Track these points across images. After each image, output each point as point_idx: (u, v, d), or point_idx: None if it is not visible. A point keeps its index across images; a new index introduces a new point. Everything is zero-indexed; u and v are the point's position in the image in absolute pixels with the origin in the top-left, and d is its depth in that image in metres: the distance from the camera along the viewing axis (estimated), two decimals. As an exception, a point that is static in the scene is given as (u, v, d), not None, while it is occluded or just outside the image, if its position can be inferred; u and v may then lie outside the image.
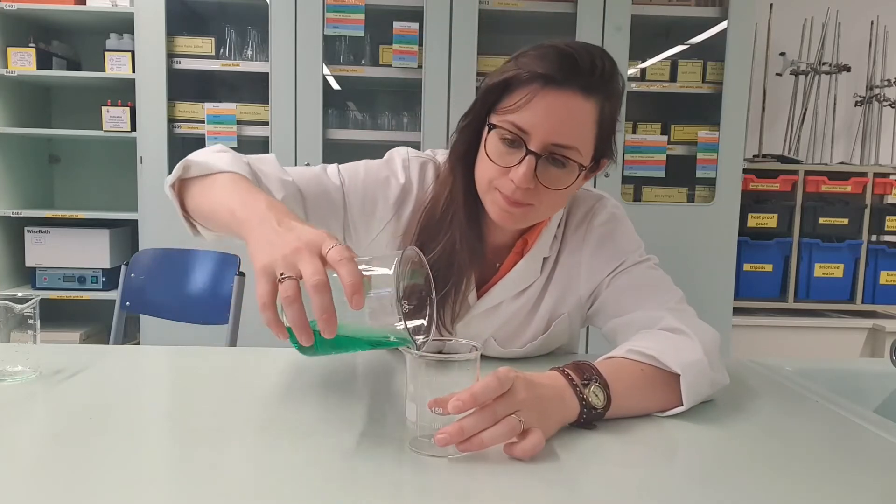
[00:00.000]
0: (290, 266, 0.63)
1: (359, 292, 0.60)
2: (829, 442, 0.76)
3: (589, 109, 0.84)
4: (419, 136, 2.52)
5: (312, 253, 0.64)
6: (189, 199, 0.87)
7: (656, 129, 2.67)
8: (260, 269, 0.65)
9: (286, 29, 2.46)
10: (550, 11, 2.56)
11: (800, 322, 2.83)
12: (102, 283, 2.71)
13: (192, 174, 0.87)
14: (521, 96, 0.83)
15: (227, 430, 0.72)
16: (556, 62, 0.82)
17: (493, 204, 0.89)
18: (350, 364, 1.02)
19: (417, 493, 0.58)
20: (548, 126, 0.83)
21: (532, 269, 0.98)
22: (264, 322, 0.63)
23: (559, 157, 0.84)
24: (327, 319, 0.60)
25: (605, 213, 1.00)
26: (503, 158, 0.85)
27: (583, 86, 0.83)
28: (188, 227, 0.91)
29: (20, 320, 0.85)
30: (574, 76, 0.82)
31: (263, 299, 0.63)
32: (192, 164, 0.87)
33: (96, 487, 0.57)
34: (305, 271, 0.62)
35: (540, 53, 0.84)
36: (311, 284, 0.61)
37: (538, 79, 0.82)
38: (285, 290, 0.62)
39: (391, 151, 1.02)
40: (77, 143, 2.98)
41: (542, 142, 0.83)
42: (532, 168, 0.83)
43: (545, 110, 0.82)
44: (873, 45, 3.12)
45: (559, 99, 0.82)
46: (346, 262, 0.62)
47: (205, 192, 0.85)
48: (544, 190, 0.85)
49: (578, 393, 0.73)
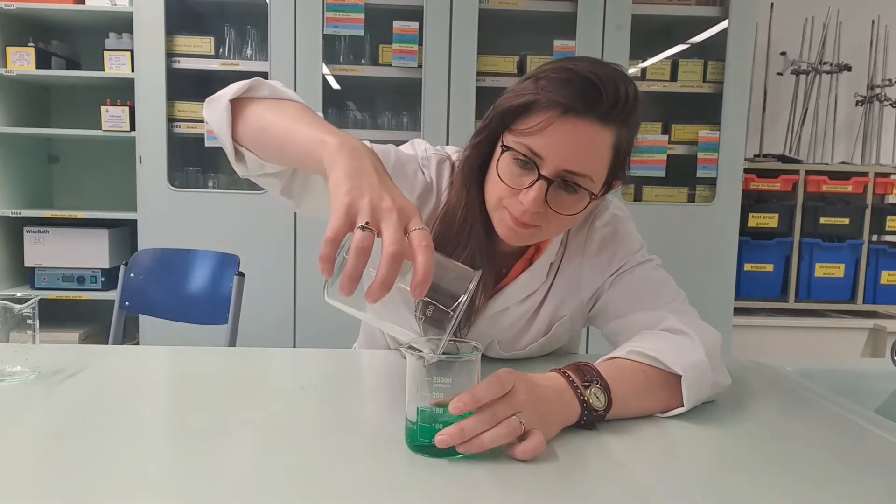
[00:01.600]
0: (375, 219, 0.61)
1: (426, 284, 0.59)
2: (830, 442, 0.75)
3: (605, 138, 0.82)
4: (419, 136, 2.51)
5: (401, 220, 0.61)
6: (248, 118, 0.82)
7: (657, 128, 2.67)
8: (343, 204, 0.61)
9: (286, 28, 2.46)
10: (550, 11, 2.56)
11: (800, 322, 2.82)
12: (101, 283, 2.70)
13: (262, 94, 0.83)
14: (539, 121, 0.81)
15: (226, 430, 0.72)
16: (579, 91, 0.80)
17: (501, 222, 0.88)
18: (350, 364, 1.02)
19: (417, 494, 0.58)
20: (563, 154, 0.81)
21: (540, 274, 0.98)
22: (321, 253, 0.60)
23: (571, 183, 0.83)
24: (382, 290, 0.59)
25: (606, 215, 0.99)
26: (515, 180, 0.84)
27: (602, 115, 0.80)
28: (231, 152, 0.85)
29: (19, 320, 0.84)
30: (594, 105, 0.80)
31: (334, 233, 0.60)
32: (261, 83, 0.83)
33: (96, 487, 0.57)
34: (388, 234, 0.60)
35: (563, 79, 0.81)
36: (389, 252, 0.59)
37: (558, 106, 0.80)
38: (364, 239, 0.59)
39: (414, 143, 1.01)
40: (76, 142, 2.98)
41: (555, 168, 0.82)
42: (542, 193, 0.82)
43: (562, 138, 0.80)
44: (874, 44, 3.12)
45: (577, 128, 0.80)
46: (428, 250, 0.60)
47: (275, 114, 0.80)
48: (553, 214, 0.84)
49: (579, 394, 0.72)
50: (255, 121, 0.81)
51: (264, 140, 0.81)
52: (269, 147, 0.81)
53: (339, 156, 0.67)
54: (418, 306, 0.62)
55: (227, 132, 0.83)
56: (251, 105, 0.82)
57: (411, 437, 0.66)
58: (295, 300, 2.54)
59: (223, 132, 0.83)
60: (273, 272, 2.50)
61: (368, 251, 0.59)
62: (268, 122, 0.80)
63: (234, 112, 0.83)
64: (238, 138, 0.83)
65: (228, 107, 0.82)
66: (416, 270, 0.59)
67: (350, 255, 0.59)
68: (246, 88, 0.83)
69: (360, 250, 0.59)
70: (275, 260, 2.50)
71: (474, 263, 0.90)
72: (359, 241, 0.59)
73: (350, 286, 0.59)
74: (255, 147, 0.82)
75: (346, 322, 0.83)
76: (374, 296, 0.59)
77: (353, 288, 0.59)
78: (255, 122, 0.81)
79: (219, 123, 0.83)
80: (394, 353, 1.05)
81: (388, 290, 0.59)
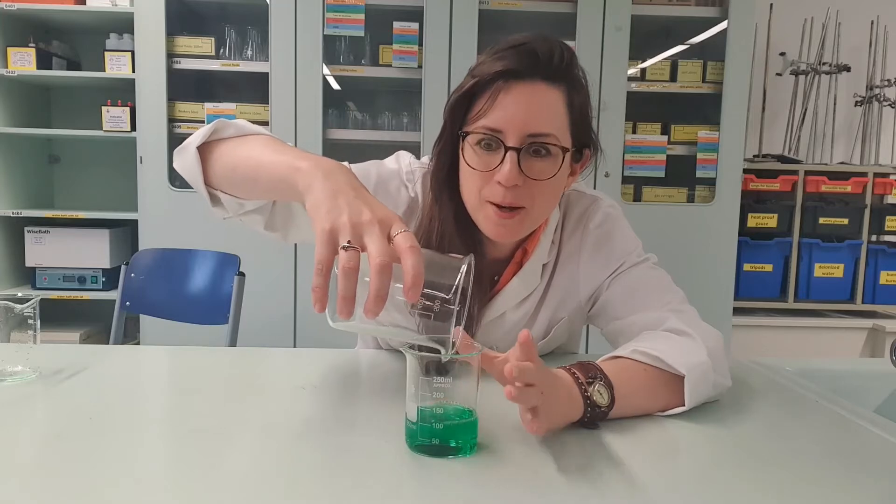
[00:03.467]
0: (357, 235, 0.61)
1: (419, 286, 0.59)
2: (829, 442, 0.76)
3: (556, 96, 0.84)
4: (419, 136, 2.52)
5: (383, 230, 0.62)
6: (218, 160, 0.82)
7: (656, 129, 2.67)
8: (324, 231, 0.62)
9: (286, 29, 2.46)
10: (550, 11, 2.56)
11: (800, 322, 2.83)
12: (102, 283, 2.71)
13: (227, 134, 0.83)
14: (486, 98, 0.83)
15: (227, 430, 0.72)
16: (514, 57, 0.82)
17: (486, 219, 0.87)
18: (350, 364, 1.02)
19: (417, 494, 0.58)
20: (519, 119, 0.82)
21: (533, 276, 0.98)
22: (313, 285, 0.60)
23: (539, 145, 0.83)
24: (379, 303, 0.59)
25: (600, 215, 0.99)
26: (485, 163, 0.84)
27: (545, 75, 0.83)
28: (207, 198, 0.85)
29: (20, 320, 0.85)
30: (534, 66, 0.82)
31: (322, 264, 0.60)
32: (225, 124, 0.83)
33: (96, 487, 0.57)
34: (372, 248, 0.60)
35: (496, 54, 0.84)
36: (376, 264, 0.59)
37: (499, 77, 0.82)
38: (349, 259, 0.60)
39: (398, 156, 1.00)
40: (77, 143, 2.98)
41: (518, 135, 0.82)
42: (515, 163, 0.82)
43: (513, 104, 0.82)
44: (873, 45, 3.12)
45: (524, 90, 0.82)
46: (414, 252, 0.60)
47: (244, 149, 0.80)
48: (534, 185, 0.84)
49: (583, 391, 0.73)
50: (226, 161, 0.81)
51: (238, 178, 0.81)
52: (243, 184, 0.81)
53: (314, 179, 0.68)
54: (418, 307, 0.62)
55: (200, 178, 0.83)
56: (219, 147, 0.82)
57: (411, 437, 0.66)
58: (295, 300, 2.54)
59: (195, 179, 0.83)
60: (273, 272, 2.50)
61: (356, 271, 0.60)
62: (238, 160, 0.80)
63: (203, 157, 0.83)
64: (211, 183, 0.83)
65: (196, 154, 0.82)
66: (405, 274, 0.59)
67: (339, 277, 0.60)
68: (211, 132, 0.83)
69: (348, 271, 0.59)
70: (275, 260, 2.50)
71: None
72: (345, 263, 0.60)
73: (347, 308, 0.60)
74: (230, 187, 0.82)
75: (346, 322, 0.83)
76: (372, 310, 0.59)
77: (351, 309, 0.60)
78: (226, 163, 0.81)
79: (190, 171, 0.83)
80: (394, 353, 1.05)
81: (384, 302, 0.59)
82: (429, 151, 1.00)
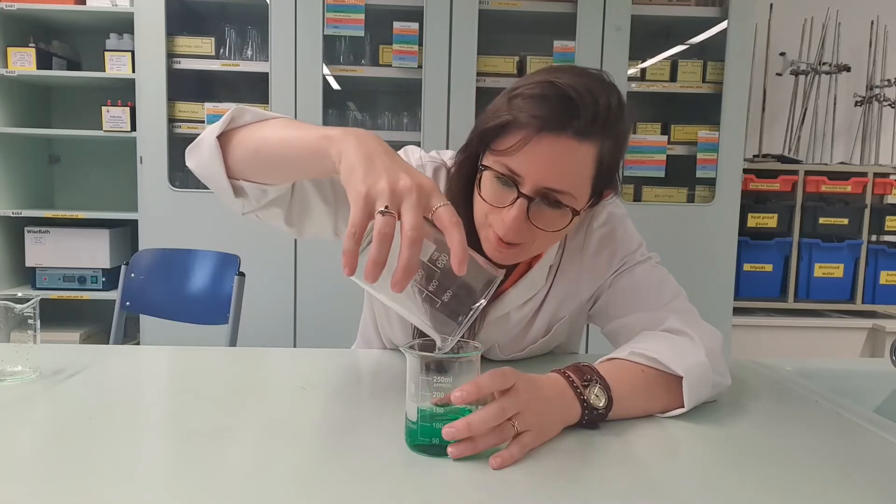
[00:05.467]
0: (395, 201, 0.60)
1: (465, 261, 0.58)
2: (829, 442, 0.76)
3: (585, 153, 0.79)
4: (419, 136, 2.52)
5: (420, 200, 0.60)
6: (238, 147, 0.79)
7: (656, 129, 2.67)
8: (360, 194, 0.60)
9: (286, 29, 2.46)
10: (550, 11, 2.56)
11: (800, 322, 2.83)
12: (102, 283, 2.71)
13: (244, 121, 0.80)
14: (515, 140, 0.78)
15: (227, 430, 0.72)
16: (554, 107, 0.77)
17: (487, 241, 0.86)
18: (350, 364, 1.02)
19: (417, 494, 0.58)
20: (541, 172, 0.79)
21: (539, 278, 0.97)
22: (344, 248, 0.59)
23: (553, 199, 0.81)
24: (408, 273, 0.58)
25: (603, 215, 0.99)
26: (496, 198, 0.82)
27: (580, 131, 0.77)
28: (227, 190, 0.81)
29: (20, 320, 0.85)
30: (571, 121, 0.77)
31: (356, 226, 0.59)
32: (242, 111, 0.80)
33: (96, 487, 0.57)
34: (407, 217, 0.59)
35: (538, 95, 0.78)
36: (409, 236, 0.58)
37: (533, 124, 0.77)
38: (385, 225, 0.58)
39: (407, 150, 0.99)
40: (77, 143, 2.98)
41: (534, 186, 0.79)
42: (523, 211, 0.80)
43: (539, 156, 0.78)
44: (873, 45, 3.12)
45: (554, 145, 0.77)
46: (459, 227, 0.59)
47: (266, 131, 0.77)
48: (537, 230, 0.83)
49: (579, 394, 0.73)
50: (248, 145, 0.79)
51: (263, 159, 0.78)
52: (269, 166, 0.79)
53: (346, 144, 0.66)
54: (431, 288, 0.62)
55: (221, 169, 0.80)
56: (237, 134, 0.80)
57: (411, 436, 0.66)
58: (295, 300, 2.54)
59: (216, 170, 0.80)
60: (273, 272, 2.50)
61: (391, 237, 0.58)
62: (262, 142, 0.78)
63: (222, 148, 0.80)
64: (232, 173, 0.81)
65: (216, 144, 0.79)
66: (452, 249, 0.59)
67: (374, 241, 0.58)
68: (229, 120, 0.80)
69: (383, 237, 0.58)
70: (275, 260, 2.50)
71: None
72: (381, 227, 0.58)
73: (375, 272, 0.58)
74: (254, 171, 0.80)
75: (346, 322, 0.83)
76: (399, 282, 0.58)
77: (379, 274, 0.58)
78: (249, 146, 0.79)
79: (209, 164, 0.81)
80: (394, 353, 1.05)
81: (413, 275, 0.58)
82: (429, 151, 1.00)
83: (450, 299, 0.62)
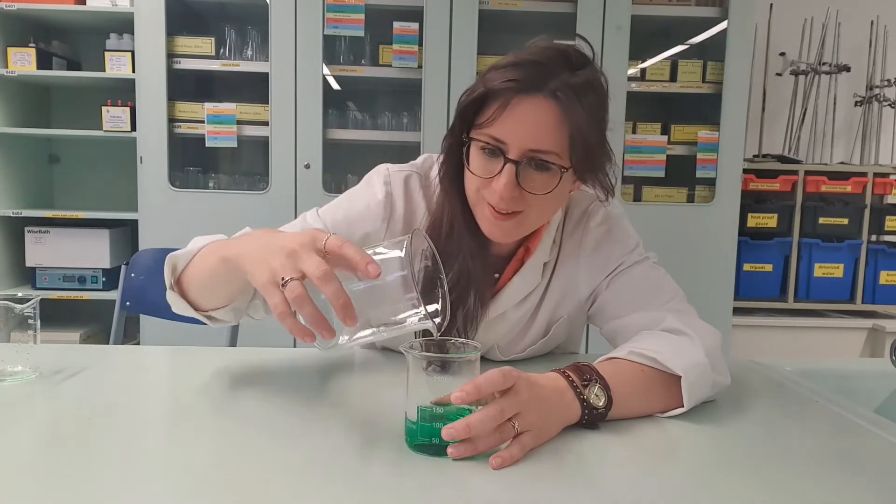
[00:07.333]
0: (289, 269, 0.64)
1: (371, 262, 0.62)
2: (829, 442, 0.76)
3: (563, 113, 0.81)
4: (419, 136, 2.52)
5: (308, 250, 0.64)
6: (190, 289, 0.86)
7: (656, 129, 2.67)
8: (264, 285, 0.65)
9: (286, 29, 2.46)
10: (550, 11, 2.56)
11: (800, 322, 2.83)
12: (102, 283, 2.71)
13: (179, 267, 0.87)
14: (494, 109, 0.82)
15: (226, 430, 0.72)
16: (524, 69, 0.81)
17: (483, 218, 0.88)
18: (350, 364, 1.02)
19: (417, 494, 0.58)
20: (523, 134, 0.82)
21: (534, 275, 0.98)
22: (288, 331, 0.64)
23: (539, 161, 0.83)
24: (344, 305, 0.61)
25: (600, 214, 0.99)
26: (485, 170, 0.85)
27: (553, 89, 0.81)
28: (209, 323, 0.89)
29: (20, 320, 0.85)
30: (543, 80, 0.81)
31: (278, 309, 0.64)
32: (176, 257, 0.88)
33: (96, 487, 0.57)
34: (308, 268, 0.63)
35: (509, 63, 0.83)
36: (316, 277, 0.61)
37: (508, 90, 0.82)
38: (291, 291, 0.62)
39: (370, 173, 1.01)
40: (77, 143, 2.98)
41: (519, 149, 0.82)
42: (513, 176, 0.82)
43: (518, 119, 0.82)
44: (873, 45, 3.12)
45: (530, 105, 0.81)
46: (349, 245, 0.63)
47: (196, 271, 0.84)
48: (530, 196, 0.85)
49: (579, 394, 0.73)
50: (193, 285, 0.86)
51: (208, 292, 0.85)
52: (214, 293, 0.85)
53: (240, 260, 0.72)
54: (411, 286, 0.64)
55: (193, 312, 0.87)
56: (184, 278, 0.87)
57: (411, 436, 0.66)
58: (295, 300, 2.54)
59: (190, 314, 0.88)
60: (273, 272, 2.50)
61: (305, 296, 0.62)
62: (197, 279, 0.84)
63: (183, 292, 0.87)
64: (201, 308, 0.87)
65: (173, 293, 0.87)
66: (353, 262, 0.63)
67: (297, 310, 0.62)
68: (170, 271, 0.87)
69: (298, 300, 0.62)
70: (275, 260, 2.50)
71: (467, 270, 0.90)
72: (290, 296, 0.63)
73: (324, 330, 0.63)
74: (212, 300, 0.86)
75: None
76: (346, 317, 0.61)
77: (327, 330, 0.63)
78: (193, 287, 0.86)
79: (183, 312, 0.88)
80: (394, 353, 1.05)
81: (351, 307, 0.61)
82: (429, 151, 1.01)
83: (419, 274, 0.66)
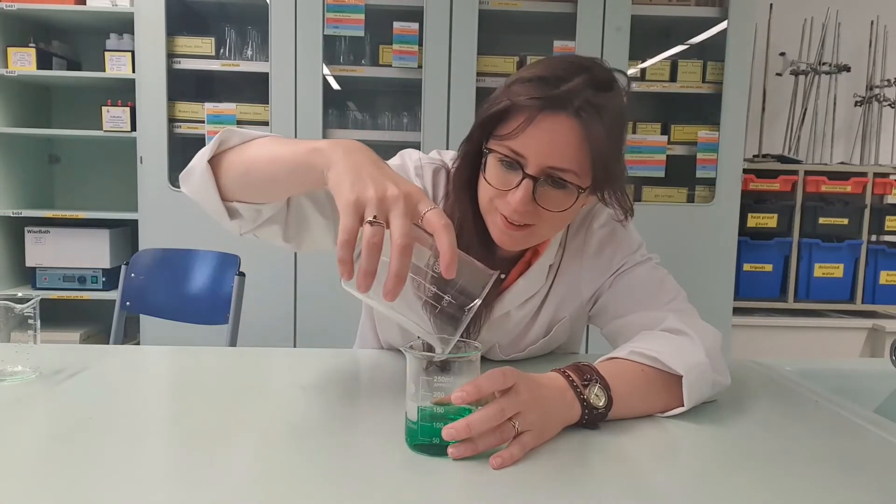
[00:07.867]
0: (382, 211, 0.61)
1: (454, 263, 0.59)
2: (829, 442, 0.76)
3: (585, 132, 0.81)
4: (419, 136, 2.52)
5: (409, 207, 0.62)
6: (228, 169, 0.80)
7: (656, 129, 2.67)
8: (349, 202, 0.62)
9: (286, 29, 2.46)
10: (550, 11, 2.56)
11: (800, 322, 2.83)
12: (102, 283, 2.71)
13: (233, 143, 0.81)
14: (517, 123, 0.81)
15: (227, 430, 0.72)
16: (550, 86, 0.80)
17: (494, 226, 0.88)
18: (350, 364, 1.02)
19: (417, 494, 0.58)
20: (543, 151, 0.81)
21: (540, 276, 0.97)
22: (338, 257, 0.60)
23: (557, 178, 0.82)
24: (398, 282, 0.59)
25: (604, 216, 0.99)
26: (502, 181, 0.84)
27: (577, 108, 0.80)
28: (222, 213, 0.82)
29: (20, 320, 0.85)
30: (568, 98, 0.80)
31: (347, 235, 0.60)
32: (230, 133, 0.81)
33: (96, 487, 0.57)
34: (396, 225, 0.60)
35: (535, 77, 0.82)
36: (399, 244, 0.59)
37: (532, 105, 0.81)
38: (373, 234, 0.60)
39: (403, 154, 1.00)
40: (77, 143, 2.98)
41: (538, 166, 0.81)
42: (529, 192, 0.82)
43: (540, 136, 0.81)
44: (873, 45, 3.12)
45: (553, 123, 0.80)
46: (448, 229, 0.61)
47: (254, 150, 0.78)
48: (544, 212, 0.84)
49: (579, 394, 0.73)
50: (238, 167, 0.79)
51: (254, 179, 0.79)
52: (260, 185, 0.79)
53: (334, 155, 0.67)
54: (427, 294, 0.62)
55: (214, 193, 0.80)
56: (227, 157, 0.81)
57: (411, 436, 0.66)
58: (295, 300, 2.54)
59: (209, 194, 0.81)
60: (273, 272, 2.50)
61: (380, 246, 0.60)
62: (251, 162, 0.78)
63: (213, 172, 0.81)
64: (225, 195, 0.81)
65: (207, 168, 0.80)
66: (441, 251, 0.60)
67: (363, 252, 0.59)
68: (218, 143, 0.81)
69: (372, 247, 0.59)
70: (275, 260, 2.50)
71: None
72: (369, 238, 0.59)
73: (366, 283, 0.59)
74: (247, 192, 0.80)
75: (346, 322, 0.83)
76: (391, 291, 0.59)
77: (370, 283, 0.59)
78: (238, 168, 0.79)
79: (202, 189, 0.81)
80: (394, 353, 1.05)
81: (403, 284, 0.59)
82: (429, 151, 1.00)
83: (448, 304, 0.63)
